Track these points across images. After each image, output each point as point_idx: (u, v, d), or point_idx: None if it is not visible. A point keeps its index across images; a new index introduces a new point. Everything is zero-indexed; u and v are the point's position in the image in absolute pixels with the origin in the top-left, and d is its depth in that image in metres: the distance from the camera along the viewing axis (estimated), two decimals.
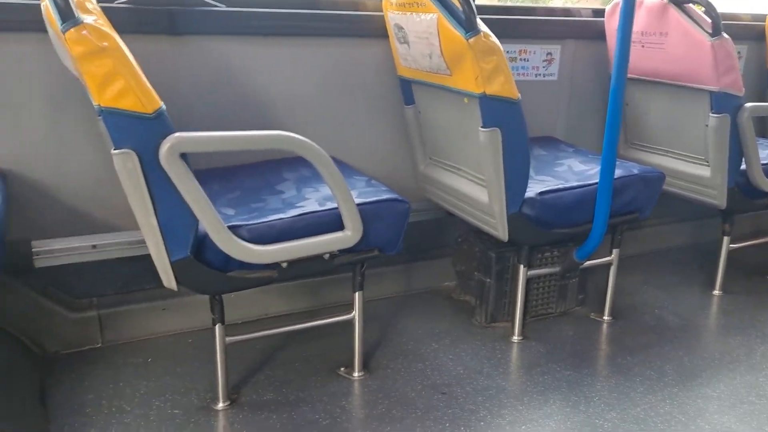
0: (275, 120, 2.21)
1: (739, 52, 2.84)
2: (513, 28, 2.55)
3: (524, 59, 2.58)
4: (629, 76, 2.08)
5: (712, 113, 2.27)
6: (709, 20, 2.21)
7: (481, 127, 1.89)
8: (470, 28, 1.80)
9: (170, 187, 1.51)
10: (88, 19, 1.40)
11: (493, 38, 1.84)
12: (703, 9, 2.27)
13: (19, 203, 1.93)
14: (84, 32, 1.38)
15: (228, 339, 1.77)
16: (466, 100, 1.97)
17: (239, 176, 2.07)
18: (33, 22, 1.79)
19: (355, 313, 1.92)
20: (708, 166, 2.38)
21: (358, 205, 1.75)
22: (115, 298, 2.11)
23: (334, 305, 2.37)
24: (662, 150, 2.58)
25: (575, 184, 2.12)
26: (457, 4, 1.82)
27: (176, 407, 1.79)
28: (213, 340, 1.77)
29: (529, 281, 2.23)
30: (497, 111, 1.88)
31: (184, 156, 1.51)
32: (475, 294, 2.38)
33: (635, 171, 2.20)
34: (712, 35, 2.19)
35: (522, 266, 2.17)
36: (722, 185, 2.36)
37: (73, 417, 1.72)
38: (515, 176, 1.97)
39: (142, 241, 2.04)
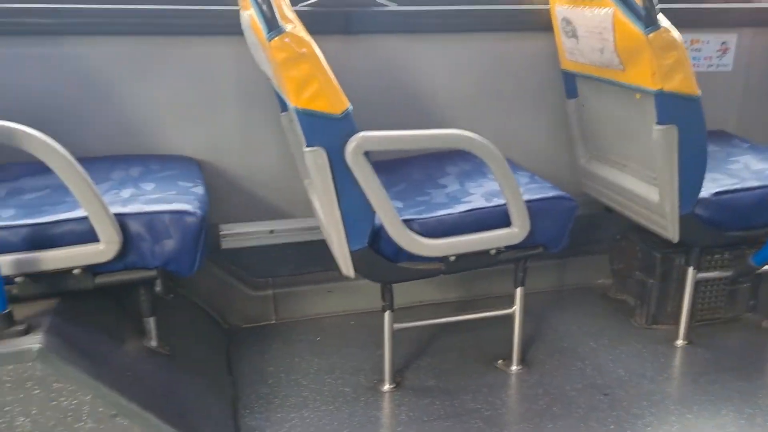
0: (440, 115, 2.28)
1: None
2: (684, 17, 2.41)
3: (696, 49, 2.44)
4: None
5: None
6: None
7: (656, 123, 1.83)
8: (650, 23, 1.74)
9: (353, 183, 1.62)
10: (289, 27, 1.53)
11: (674, 33, 1.77)
12: None
13: (211, 190, 2.14)
14: (286, 40, 1.50)
15: (395, 325, 1.87)
16: (638, 96, 1.91)
17: (403, 169, 2.16)
18: (229, 27, 1.98)
19: (516, 308, 1.95)
20: None
21: (526, 202, 1.77)
22: (288, 279, 2.30)
23: (484, 297, 2.43)
24: None
25: (755, 184, 1.99)
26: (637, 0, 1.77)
27: (346, 385, 1.92)
28: (381, 324, 1.87)
29: (696, 284, 2.13)
30: (675, 108, 1.81)
31: (366, 153, 1.61)
32: (635, 294, 2.31)
33: None
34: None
35: (691, 268, 2.08)
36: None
37: (257, 386, 1.91)
38: (690, 175, 1.89)
39: (313, 228, 2.23)
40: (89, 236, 1.49)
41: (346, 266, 1.73)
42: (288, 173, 2.19)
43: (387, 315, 1.86)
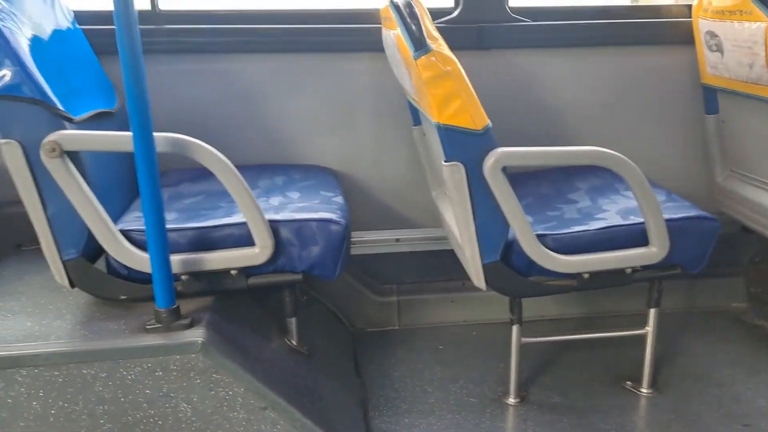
0: (572, 130, 2.26)
1: None
2: None
3: None
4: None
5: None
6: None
7: None
8: None
9: (489, 197, 1.65)
10: (434, 46, 1.59)
11: None
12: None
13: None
14: (432, 59, 1.56)
15: (523, 339, 1.88)
16: None
17: (529, 183, 2.16)
18: (369, 44, 2.08)
19: (649, 330, 1.90)
20: None
21: (666, 221, 1.72)
22: (411, 287, 2.36)
23: (609, 314, 2.37)
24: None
25: None
26: None
27: (471, 395, 1.95)
28: (503, 337, 1.89)
29: None
30: None
31: (503, 168, 1.64)
32: None
33: None
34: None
35: None
36: None
37: (385, 390, 1.98)
38: None
39: (439, 238, 2.28)
40: (245, 240, 1.62)
41: (478, 278, 1.76)
42: (416, 184, 2.26)
43: (515, 329, 1.87)
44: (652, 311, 1.89)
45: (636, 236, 1.75)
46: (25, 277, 1.83)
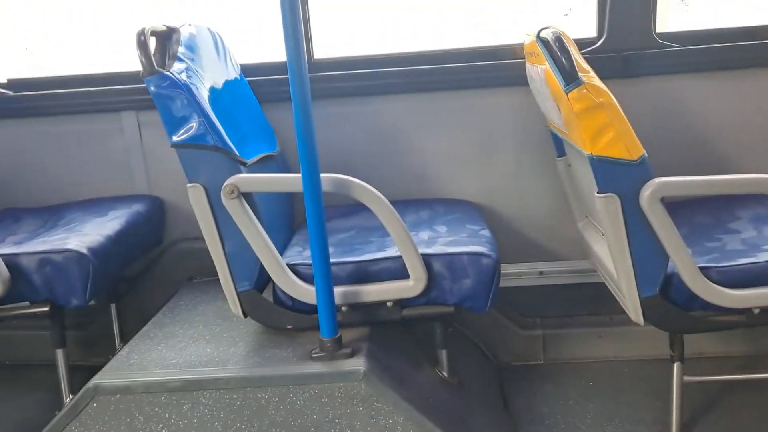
0: (731, 156, 2.15)
1: None
2: None
3: None
4: None
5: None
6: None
7: None
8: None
9: (646, 229, 1.60)
10: (585, 78, 1.59)
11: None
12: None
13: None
14: (584, 91, 1.56)
15: (685, 378, 1.78)
16: None
17: (681, 212, 2.06)
18: (510, 78, 2.13)
19: None
20: None
21: None
22: (556, 321, 2.32)
23: None
24: None
25: None
26: None
27: None
28: (658, 374, 1.80)
29: None
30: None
31: (662, 199, 1.59)
32: None
33: None
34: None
35: None
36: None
37: (534, 426, 1.95)
38: None
39: (584, 271, 2.23)
40: (400, 273, 1.68)
41: (636, 313, 1.70)
42: (560, 216, 2.23)
43: (676, 366, 1.77)
44: None
45: None
46: (199, 306, 2.01)
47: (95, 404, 1.56)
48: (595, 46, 2.12)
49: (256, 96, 2.14)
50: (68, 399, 1.91)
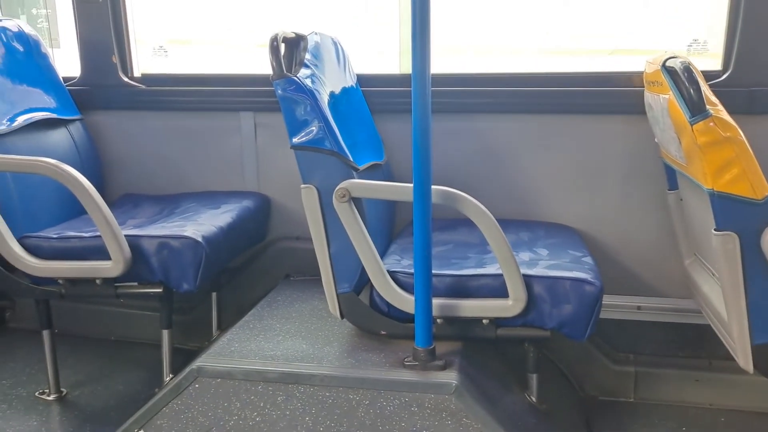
0: None
1: None
2: None
3: None
4: None
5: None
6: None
7: None
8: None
9: (766, 272, 1.53)
10: (713, 111, 1.54)
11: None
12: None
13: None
14: (711, 124, 1.51)
15: None
16: None
17: None
18: (625, 106, 2.09)
19: None
20: None
21: None
22: (651, 359, 2.23)
23: None
24: None
25: None
26: None
27: None
28: (756, 428, 1.70)
29: None
30: None
31: None
32: None
33: None
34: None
35: None
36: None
37: None
38: None
39: (686, 311, 2.14)
40: (499, 292, 1.68)
41: (746, 360, 1.61)
42: (665, 251, 2.16)
43: None
44: None
45: None
46: (296, 304, 2.08)
47: (197, 385, 1.65)
48: (719, 80, 2.04)
49: (369, 105, 2.20)
50: (168, 378, 2.02)
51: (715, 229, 1.56)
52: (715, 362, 2.16)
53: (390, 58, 2.75)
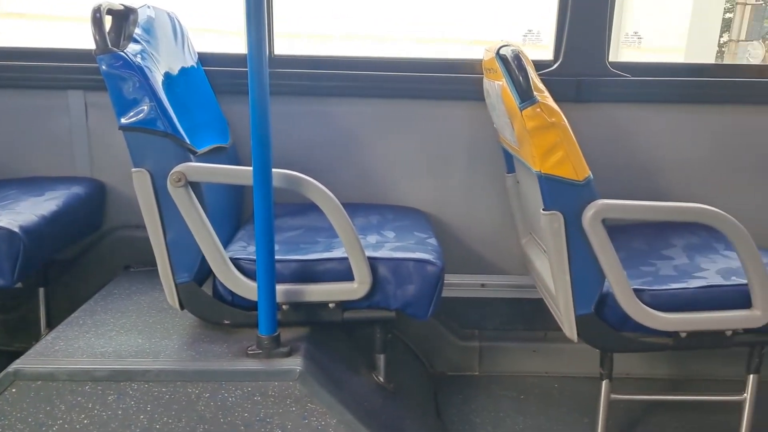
0: (669, 186, 2.24)
1: None
2: None
3: None
4: None
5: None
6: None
7: None
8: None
9: (587, 248, 1.65)
10: (540, 97, 1.63)
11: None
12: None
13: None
14: (538, 110, 1.60)
15: (612, 396, 1.84)
16: None
17: (620, 237, 2.13)
18: (467, 92, 2.15)
19: (747, 396, 1.82)
20: None
21: None
22: (494, 333, 2.35)
23: (701, 378, 2.28)
24: None
25: None
26: None
27: None
28: (586, 391, 1.86)
29: None
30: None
31: (603, 220, 1.64)
32: None
33: None
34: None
35: None
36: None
37: None
38: None
39: (524, 286, 2.28)
40: (345, 275, 1.68)
41: (570, 330, 1.74)
42: (505, 231, 2.28)
43: (605, 384, 1.83)
44: (752, 377, 1.81)
45: (738, 298, 1.70)
46: (134, 296, 1.95)
47: (14, 390, 1.49)
48: (550, 69, 2.18)
49: (212, 86, 2.10)
50: None
51: (543, 209, 1.66)
52: (550, 333, 2.32)
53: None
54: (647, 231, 2.15)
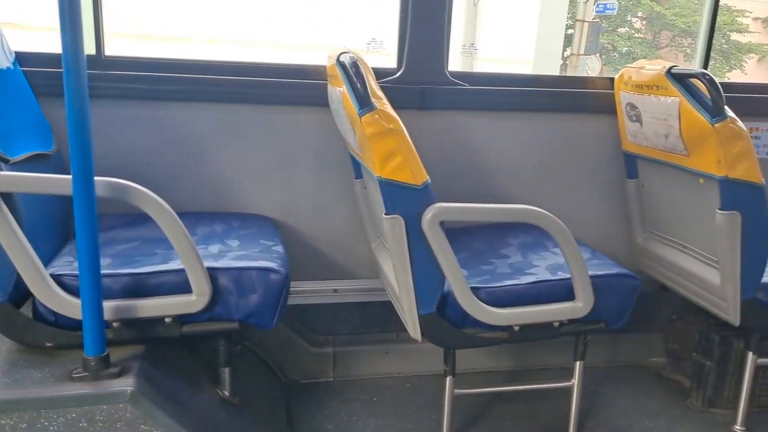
0: (505, 188, 2.37)
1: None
2: (745, 105, 2.50)
3: (756, 137, 2.51)
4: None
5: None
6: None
7: (720, 209, 1.89)
8: (717, 114, 1.83)
9: (427, 250, 1.71)
10: (378, 104, 1.66)
11: (740, 124, 1.85)
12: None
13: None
14: (376, 116, 1.63)
15: (456, 391, 1.91)
16: (701, 180, 1.98)
17: (464, 238, 2.24)
18: (313, 98, 2.15)
19: (575, 382, 1.97)
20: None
21: (591, 277, 1.82)
22: (347, 338, 2.37)
23: (537, 368, 2.45)
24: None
25: None
26: (704, 90, 1.87)
27: None
28: (436, 388, 1.92)
29: (755, 369, 2.13)
30: (739, 194, 1.87)
31: (441, 222, 1.70)
32: (691, 375, 2.31)
33: None
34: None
35: (751, 353, 2.09)
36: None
37: None
38: (752, 261, 1.93)
39: (375, 290, 2.31)
40: (182, 287, 1.60)
41: (414, 329, 1.79)
42: (355, 236, 2.30)
43: (448, 380, 1.90)
44: (578, 364, 1.97)
45: (563, 291, 1.84)
46: None
47: None
48: (394, 77, 2.23)
49: (33, 89, 1.92)
50: None
51: (385, 213, 1.69)
52: (401, 334, 2.38)
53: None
54: (487, 231, 2.27)
